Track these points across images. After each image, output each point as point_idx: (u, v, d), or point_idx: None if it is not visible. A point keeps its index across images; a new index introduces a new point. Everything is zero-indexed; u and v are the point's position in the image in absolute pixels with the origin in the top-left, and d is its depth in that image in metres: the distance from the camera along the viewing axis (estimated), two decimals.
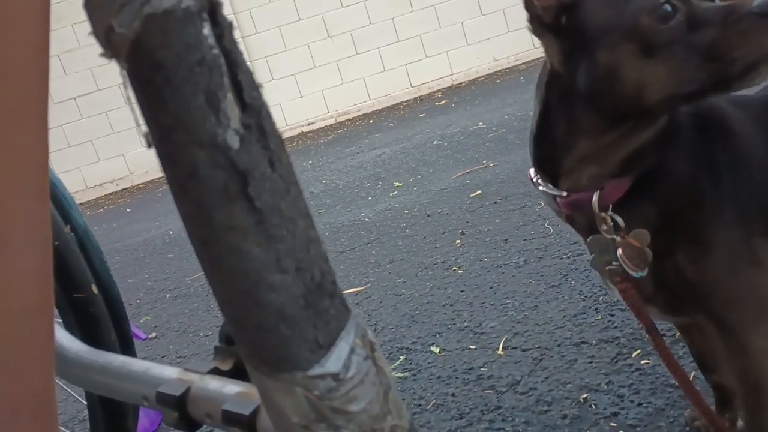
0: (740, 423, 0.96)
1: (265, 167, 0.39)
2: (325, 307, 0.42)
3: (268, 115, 0.42)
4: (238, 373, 0.54)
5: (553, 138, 0.76)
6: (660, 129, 0.73)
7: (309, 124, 6.90)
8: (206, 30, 0.38)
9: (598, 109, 0.70)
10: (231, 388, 0.51)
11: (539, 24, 0.72)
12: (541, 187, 0.79)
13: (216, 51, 0.38)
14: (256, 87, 0.41)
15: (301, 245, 0.41)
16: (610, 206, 0.75)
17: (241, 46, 0.40)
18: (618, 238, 0.75)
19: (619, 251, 0.75)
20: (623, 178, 0.74)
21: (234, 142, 0.38)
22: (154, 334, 2.30)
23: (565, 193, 0.77)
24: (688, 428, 1.06)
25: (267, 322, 0.40)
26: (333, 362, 0.41)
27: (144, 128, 0.40)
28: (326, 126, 6.84)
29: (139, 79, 0.37)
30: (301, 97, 6.85)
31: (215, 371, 0.55)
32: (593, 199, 0.74)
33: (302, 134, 6.75)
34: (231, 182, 0.38)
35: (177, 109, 0.38)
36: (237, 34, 0.39)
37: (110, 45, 0.37)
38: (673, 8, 0.64)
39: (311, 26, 6.68)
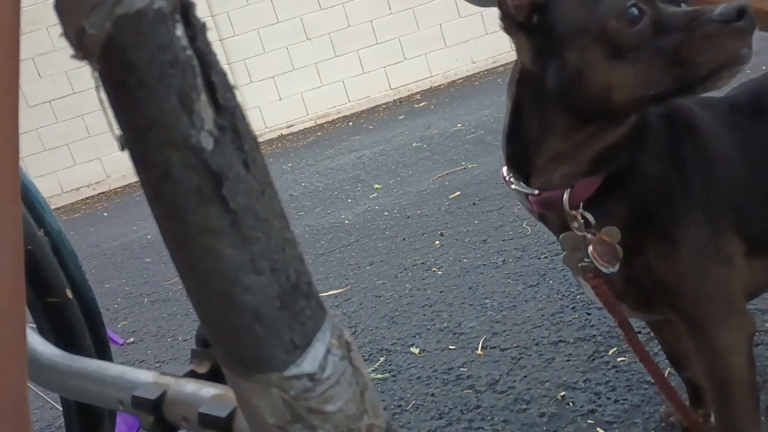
0: (713, 418, 0.97)
1: (240, 168, 0.39)
2: (300, 308, 0.42)
3: (243, 117, 0.42)
4: (214, 376, 0.54)
5: (524, 136, 0.77)
6: (630, 128, 0.74)
7: (288, 127, 6.87)
8: (179, 31, 0.37)
9: (568, 109, 0.71)
10: (207, 390, 0.51)
11: (511, 22, 0.73)
12: (513, 186, 0.80)
13: (189, 52, 0.38)
14: (230, 88, 0.41)
15: (276, 246, 0.41)
16: (581, 204, 0.76)
17: (219, 49, 0.40)
18: (589, 235, 0.76)
19: (591, 248, 0.76)
20: (594, 177, 0.75)
21: (208, 143, 0.38)
22: (132, 339, 2.28)
23: (537, 192, 0.78)
24: (663, 424, 1.07)
25: (242, 323, 0.40)
26: (309, 363, 0.41)
27: (118, 131, 0.40)
28: (305, 128, 6.83)
29: (112, 80, 0.37)
30: (280, 99, 6.82)
31: (192, 374, 0.55)
32: (564, 198, 0.75)
33: (281, 137, 6.72)
34: (205, 183, 0.38)
35: (150, 111, 0.38)
36: (215, 37, 0.39)
37: (82, 46, 0.37)
38: (640, 12, 0.65)
39: (289, 28, 6.66)
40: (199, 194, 0.38)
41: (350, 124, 6.35)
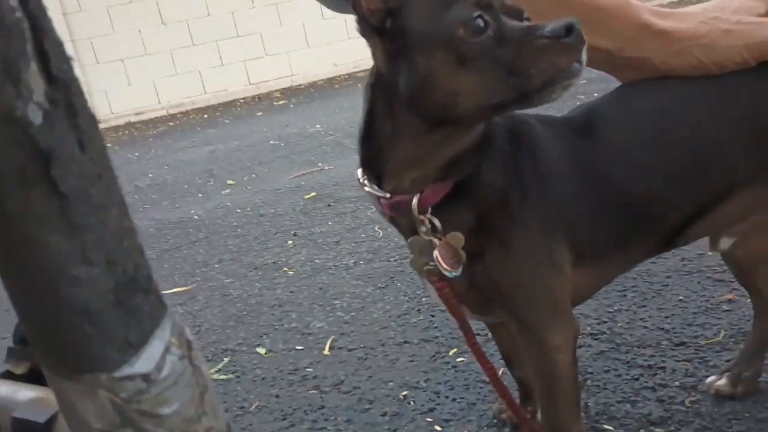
0: (539, 413, 1.05)
1: (73, 148, 0.36)
2: (137, 304, 0.39)
3: (80, 92, 0.38)
4: (34, 377, 0.49)
5: (378, 139, 0.78)
6: (477, 138, 0.78)
7: (137, 114, 6.49)
8: None
9: (417, 113, 0.74)
10: (24, 393, 0.46)
11: (366, 25, 0.74)
12: (366, 188, 0.81)
13: (18, 14, 0.34)
14: (66, 59, 0.37)
15: (112, 236, 0.38)
16: (430, 209, 0.78)
17: (62, 25, 0.36)
18: (435, 240, 0.79)
19: (436, 252, 0.79)
20: (443, 183, 0.78)
21: (36, 117, 0.34)
22: None
23: (388, 195, 0.79)
24: (495, 420, 1.14)
25: (68, 319, 0.37)
26: (144, 362, 0.38)
27: None
28: (156, 117, 6.49)
29: None
30: (130, 84, 6.43)
31: (7, 375, 0.49)
32: (413, 202, 0.77)
33: (129, 124, 6.33)
34: (30, 162, 0.34)
35: None
36: (57, 10, 0.35)
37: None
38: (485, 24, 0.69)
39: (143, 10, 6.29)
40: (22, 174, 0.34)
41: (205, 116, 6.12)
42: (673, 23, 0.85)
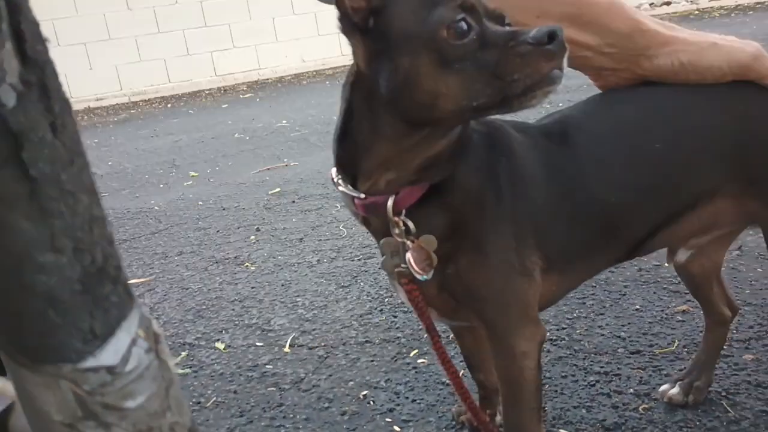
0: (498, 418, 1.06)
1: (46, 132, 0.35)
2: (105, 294, 0.38)
3: (54, 75, 0.37)
4: None
5: (355, 139, 0.78)
6: (454, 142, 0.78)
7: (98, 100, 6.35)
8: None
9: (397, 114, 0.74)
10: None
11: (348, 23, 0.74)
12: (341, 188, 0.81)
13: None
14: (42, 40, 0.36)
15: (82, 223, 0.37)
16: (404, 211, 0.78)
17: None
18: (408, 242, 0.79)
19: (408, 254, 0.79)
20: (418, 185, 0.78)
21: (9, 98, 0.33)
22: None
23: (363, 195, 0.79)
24: (454, 422, 1.14)
25: (32, 307, 0.35)
26: (109, 354, 0.37)
27: None
28: (118, 104, 6.35)
29: None
30: (91, 69, 6.28)
31: None
32: (388, 204, 0.77)
33: (89, 109, 6.19)
34: (1, 144, 0.33)
35: None
36: None
37: None
38: (468, 27, 0.69)
39: None
40: None
41: (169, 106, 6.02)
42: (664, 29, 0.87)
